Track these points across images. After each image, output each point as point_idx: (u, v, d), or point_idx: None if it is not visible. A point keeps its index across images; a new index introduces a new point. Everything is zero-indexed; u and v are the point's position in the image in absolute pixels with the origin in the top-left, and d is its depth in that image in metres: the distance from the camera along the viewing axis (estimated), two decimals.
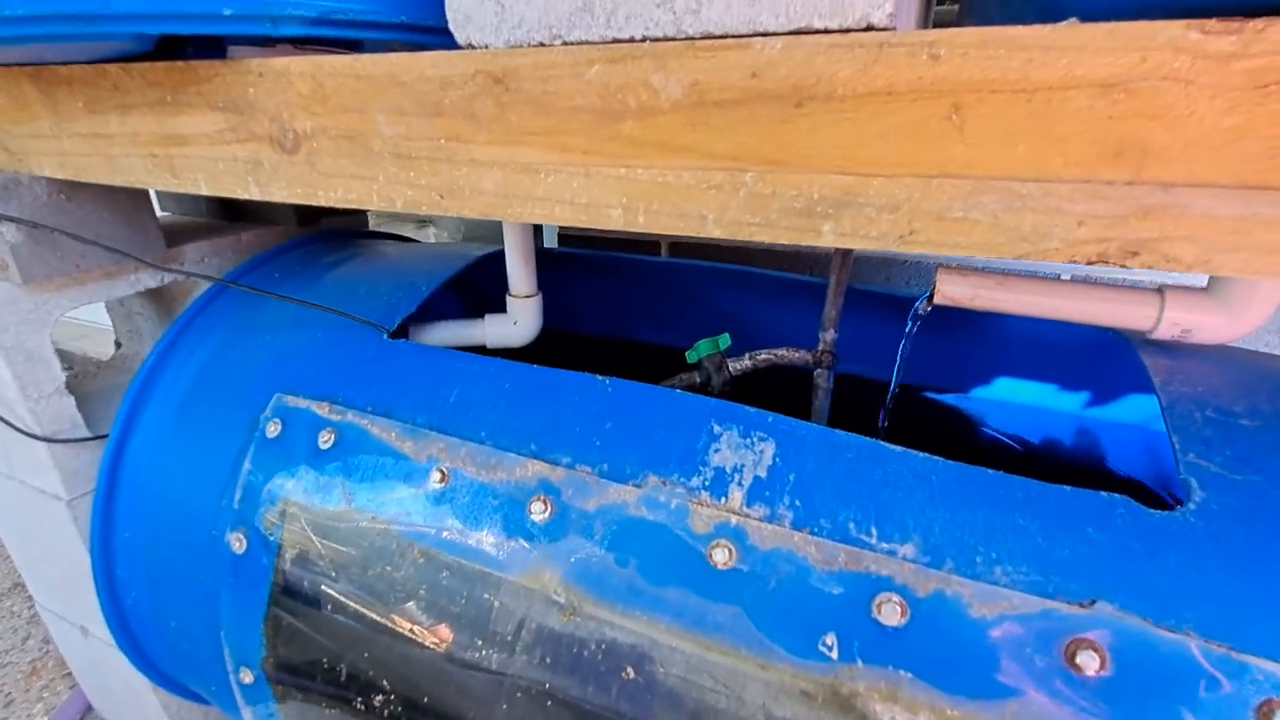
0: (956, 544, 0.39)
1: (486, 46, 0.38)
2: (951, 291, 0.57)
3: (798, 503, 0.42)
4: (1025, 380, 0.80)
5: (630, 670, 0.43)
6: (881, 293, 0.76)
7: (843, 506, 0.41)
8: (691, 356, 0.72)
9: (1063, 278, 0.69)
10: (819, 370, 0.72)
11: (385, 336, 0.64)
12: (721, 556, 0.42)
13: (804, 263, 1.12)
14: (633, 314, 0.96)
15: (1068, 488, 0.40)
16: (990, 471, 0.41)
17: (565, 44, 0.36)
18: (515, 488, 0.49)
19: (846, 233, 0.33)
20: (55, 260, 0.65)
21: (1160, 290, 0.51)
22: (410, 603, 0.51)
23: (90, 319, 2.52)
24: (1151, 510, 0.38)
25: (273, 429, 0.60)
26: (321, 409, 0.59)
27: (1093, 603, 0.36)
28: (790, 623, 0.40)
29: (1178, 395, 0.45)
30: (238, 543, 0.59)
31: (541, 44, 0.36)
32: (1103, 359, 0.70)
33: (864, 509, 0.41)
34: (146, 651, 0.73)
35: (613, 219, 0.38)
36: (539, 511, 0.47)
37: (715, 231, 0.35)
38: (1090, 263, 0.29)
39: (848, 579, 0.39)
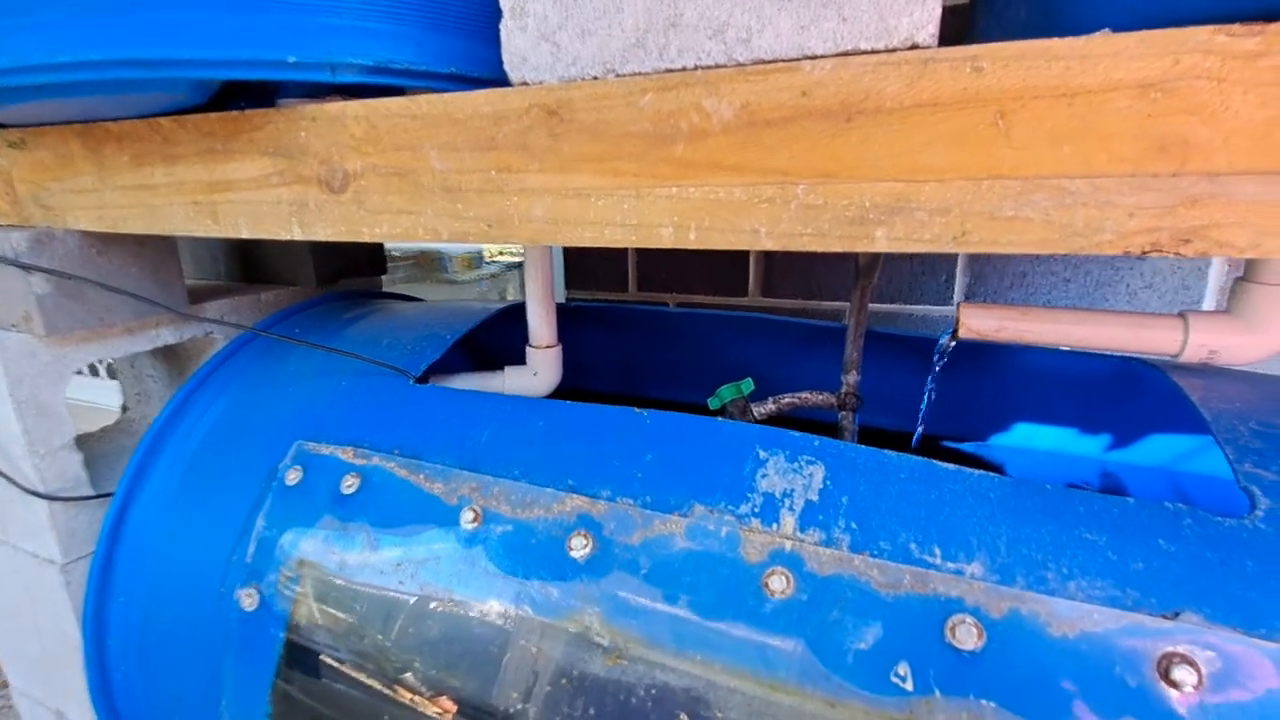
0: (1025, 561, 0.37)
1: (541, 83, 0.40)
2: (976, 324, 0.58)
3: (854, 525, 0.41)
4: (1045, 425, 0.80)
5: (684, 717, 0.40)
6: (899, 335, 0.77)
7: (901, 527, 0.40)
8: (714, 403, 0.72)
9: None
10: (843, 413, 0.71)
11: (411, 382, 0.63)
12: (778, 584, 0.40)
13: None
14: (647, 369, 0.96)
15: (1130, 499, 0.39)
16: (1048, 486, 0.40)
17: (619, 76, 0.38)
18: (553, 524, 0.47)
19: (900, 237, 0.34)
20: (81, 312, 0.65)
21: (1183, 314, 0.53)
22: (440, 656, 0.48)
23: (79, 397, 2.48)
24: (1220, 519, 0.37)
25: (292, 476, 0.58)
26: (346, 454, 0.57)
27: (1177, 614, 0.34)
28: (858, 653, 0.38)
29: (1219, 411, 0.46)
30: (248, 599, 0.56)
31: (595, 78, 0.39)
32: (1122, 396, 0.71)
33: (924, 529, 0.40)
34: None
35: (664, 238, 0.39)
36: (579, 547, 0.45)
37: (768, 244, 0.36)
38: (1144, 253, 0.30)
39: (916, 602, 0.38)
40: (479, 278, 4.05)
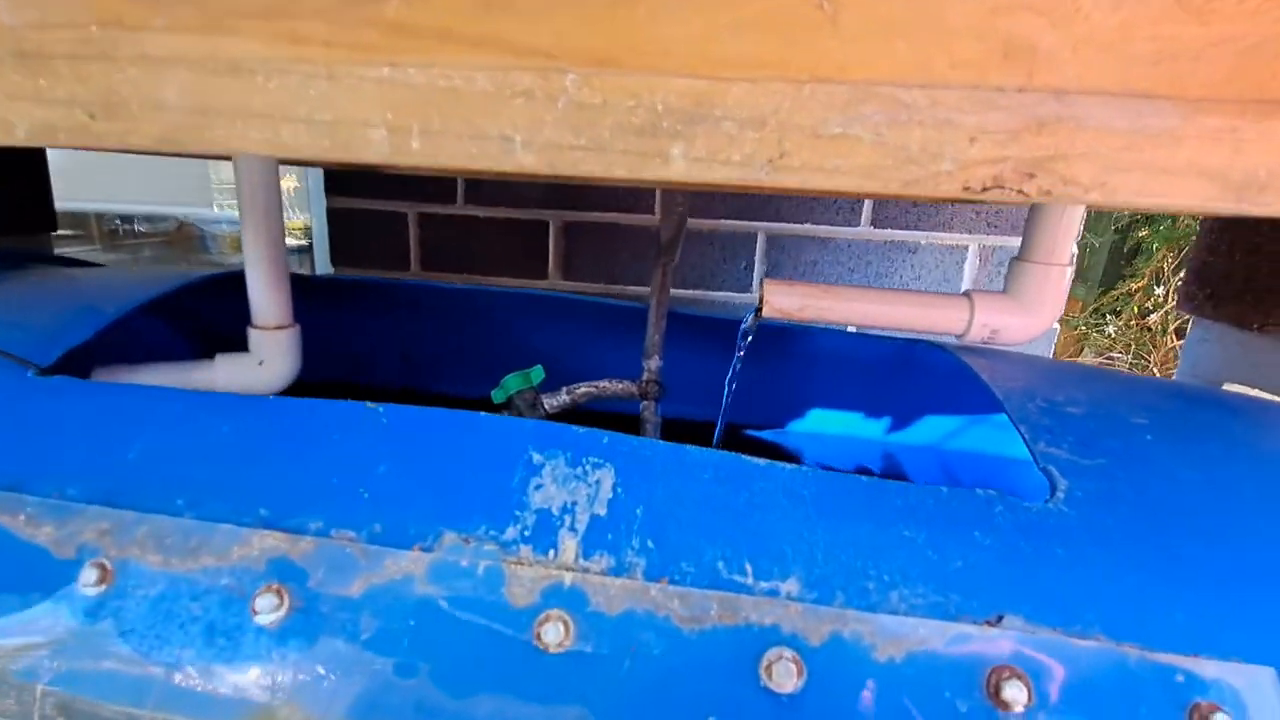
0: (845, 570, 0.31)
1: None
2: (779, 302, 0.53)
3: (650, 544, 0.32)
4: (836, 410, 0.81)
5: None
6: (703, 317, 0.72)
7: (708, 542, 0.32)
8: (498, 396, 0.60)
9: None
10: (645, 403, 0.64)
11: (33, 375, 0.42)
12: (553, 635, 0.30)
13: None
14: (431, 357, 0.81)
15: (944, 488, 0.35)
16: (864, 479, 0.35)
17: None
18: (231, 576, 0.32)
19: (702, 156, 0.25)
20: None
21: (968, 294, 0.52)
22: None
23: None
24: (1028, 504, 0.34)
25: None
26: None
27: (1000, 618, 0.30)
28: (657, 715, 0.28)
29: (1008, 390, 0.44)
30: None
31: None
32: (916, 375, 0.72)
33: (733, 541, 0.32)
34: None
35: (373, 143, 0.26)
36: (269, 609, 0.31)
37: (526, 160, 0.25)
38: (985, 189, 0.25)
39: (725, 637, 0.29)
40: None
